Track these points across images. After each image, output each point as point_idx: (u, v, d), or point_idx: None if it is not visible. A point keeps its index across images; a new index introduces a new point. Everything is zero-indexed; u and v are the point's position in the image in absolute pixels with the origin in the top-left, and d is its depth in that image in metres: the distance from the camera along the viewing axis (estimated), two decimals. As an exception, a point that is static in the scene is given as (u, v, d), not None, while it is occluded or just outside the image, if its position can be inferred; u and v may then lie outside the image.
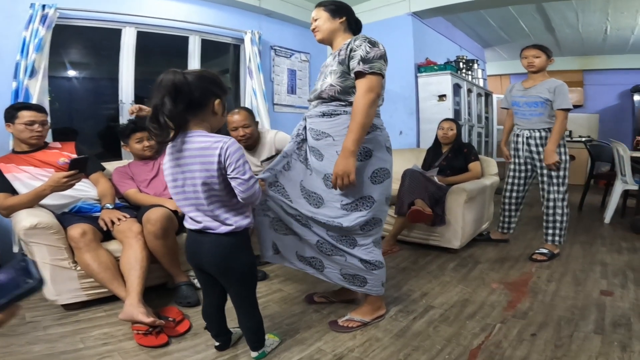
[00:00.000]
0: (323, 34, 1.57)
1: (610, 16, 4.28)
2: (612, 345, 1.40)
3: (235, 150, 1.13)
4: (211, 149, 1.12)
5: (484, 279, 2.14)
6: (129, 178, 2.21)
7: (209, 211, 1.18)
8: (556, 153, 2.33)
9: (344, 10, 1.58)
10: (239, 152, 1.14)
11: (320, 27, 1.57)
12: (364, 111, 1.37)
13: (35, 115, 1.93)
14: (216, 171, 1.13)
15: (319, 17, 1.57)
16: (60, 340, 1.48)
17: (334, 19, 1.55)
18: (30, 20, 2.27)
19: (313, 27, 1.60)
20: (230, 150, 1.12)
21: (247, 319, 1.33)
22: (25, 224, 1.61)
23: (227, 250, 1.22)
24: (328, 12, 1.56)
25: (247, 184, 1.15)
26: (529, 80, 2.49)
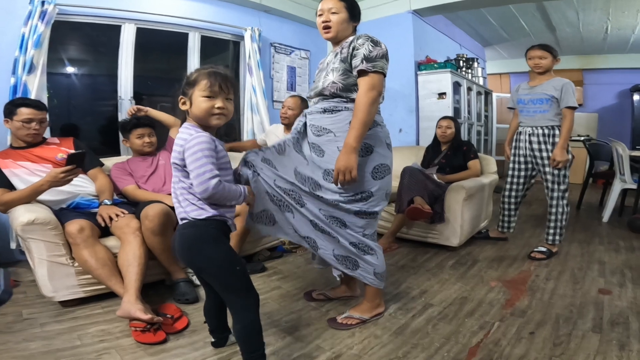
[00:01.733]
0: (337, 33, 1.52)
1: (611, 15, 4.28)
2: (610, 343, 1.40)
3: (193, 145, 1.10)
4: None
5: (483, 277, 2.14)
6: (128, 174, 2.20)
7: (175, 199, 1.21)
8: (566, 151, 2.32)
9: (359, 16, 1.58)
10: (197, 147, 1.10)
11: (337, 25, 1.50)
12: (366, 109, 1.38)
13: (33, 113, 1.91)
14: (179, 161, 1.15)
15: (339, 13, 1.50)
16: (57, 338, 1.47)
17: (351, 22, 1.54)
18: (29, 16, 2.25)
19: (326, 19, 1.51)
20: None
21: (234, 320, 1.19)
22: (23, 219, 1.60)
23: (187, 242, 1.17)
24: (349, 12, 1.52)
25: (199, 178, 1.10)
26: (535, 79, 2.48)
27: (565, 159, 2.31)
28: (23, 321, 1.61)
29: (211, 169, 1.10)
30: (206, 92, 1.15)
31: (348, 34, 1.55)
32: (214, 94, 1.16)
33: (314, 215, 1.53)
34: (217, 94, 1.16)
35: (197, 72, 1.19)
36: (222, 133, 3.90)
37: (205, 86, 1.15)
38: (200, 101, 1.15)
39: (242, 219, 2.10)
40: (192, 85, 1.17)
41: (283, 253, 2.52)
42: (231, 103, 1.22)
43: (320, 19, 1.53)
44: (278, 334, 1.52)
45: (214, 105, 1.15)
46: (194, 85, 1.16)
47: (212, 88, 1.15)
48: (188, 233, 1.17)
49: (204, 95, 1.15)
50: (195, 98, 1.16)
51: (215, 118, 1.17)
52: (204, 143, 1.11)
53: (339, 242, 1.53)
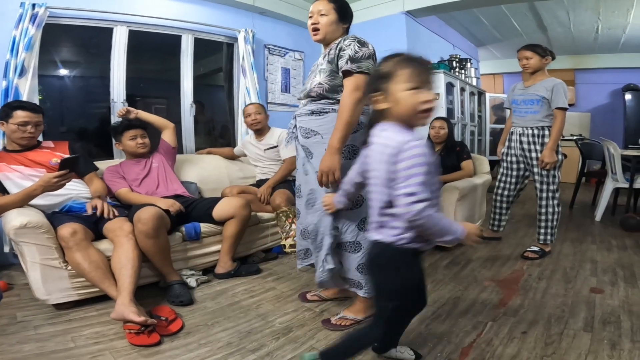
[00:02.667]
0: (325, 35, 1.53)
1: (602, 15, 4.32)
2: (601, 343, 1.42)
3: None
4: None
5: (476, 276, 2.15)
6: (121, 177, 2.20)
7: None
8: (555, 152, 2.34)
9: (350, 17, 1.58)
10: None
11: (326, 27, 1.51)
12: (350, 109, 1.38)
13: (29, 116, 1.90)
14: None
15: (328, 15, 1.50)
16: (50, 340, 1.47)
17: (342, 24, 1.54)
18: (20, 20, 2.25)
19: (315, 21, 1.52)
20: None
21: (367, 326, 1.17)
22: (15, 223, 1.59)
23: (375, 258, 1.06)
24: (338, 13, 1.52)
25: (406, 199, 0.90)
26: (529, 79, 2.50)
27: (554, 160, 2.32)
28: (17, 324, 1.60)
29: (423, 190, 0.90)
30: (411, 84, 0.94)
31: (338, 35, 1.55)
32: (421, 84, 0.95)
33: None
34: (423, 84, 0.95)
35: (390, 62, 0.98)
36: (217, 135, 3.89)
37: (409, 76, 0.95)
38: (404, 96, 0.95)
39: (235, 222, 2.11)
40: (387, 78, 0.97)
41: (278, 255, 2.53)
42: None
43: (310, 21, 1.54)
44: (272, 335, 1.52)
45: (423, 99, 0.95)
46: (391, 77, 0.96)
47: (420, 77, 0.95)
48: (383, 256, 1.05)
49: (409, 88, 0.95)
50: (396, 93, 0.96)
51: (425, 115, 0.97)
52: (421, 156, 0.90)
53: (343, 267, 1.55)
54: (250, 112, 2.77)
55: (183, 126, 3.20)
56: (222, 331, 1.55)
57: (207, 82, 3.86)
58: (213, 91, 3.93)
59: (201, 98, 3.38)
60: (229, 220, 2.12)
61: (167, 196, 2.17)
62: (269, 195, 2.53)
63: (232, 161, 3.03)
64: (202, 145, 3.32)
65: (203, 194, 2.63)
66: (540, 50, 2.41)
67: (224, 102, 3.76)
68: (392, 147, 0.93)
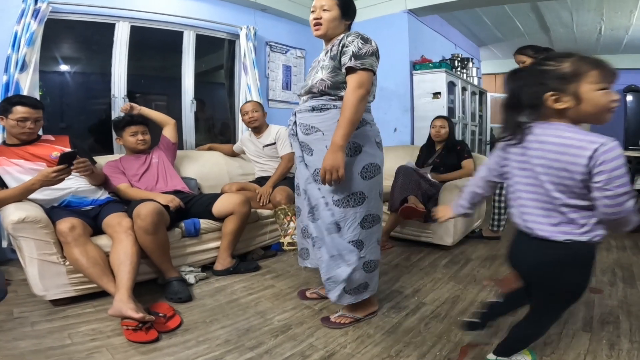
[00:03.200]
0: (327, 30, 1.51)
1: (605, 16, 4.31)
2: (600, 343, 1.41)
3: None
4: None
5: (475, 276, 2.15)
6: (120, 172, 2.19)
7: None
8: None
9: (353, 14, 1.57)
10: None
11: (328, 22, 1.50)
12: (354, 106, 1.36)
13: (29, 112, 1.88)
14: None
15: (330, 10, 1.49)
16: (47, 336, 1.46)
17: (343, 20, 1.53)
18: (22, 15, 2.24)
19: (318, 16, 1.50)
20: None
21: (527, 324, 1.18)
22: (14, 217, 1.58)
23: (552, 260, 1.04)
24: (341, 9, 1.51)
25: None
26: None
27: None
28: (13, 320, 1.60)
29: (630, 189, 0.93)
30: (602, 84, 0.96)
31: (340, 31, 1.54)
32: (610, 85, 0.97)
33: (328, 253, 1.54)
34: (611, 85, 0.98)
35: (573, 62, 0.98)
36: (217, 132, 3.88)
37: (599, 77, 0.96)
38: (596, 96, 0.96)
39: (235, 218, 2.10)
40: (573, 79, 0.97)
41: (277, 252, 2.52)
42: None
43: (312, 15, 1.53)
44: (271, 332, 1.52)
45: (614, 98, 0.97)
46: (578, 77, 0.96)
47: (610, 78, 0.97)
48: (579, 255, 1.01)
49: (600, 88, 0.96)
50: (586, 93, 0.96)
51: (610, 115, 0.99)
52: (622, 157, 0.92)
53: (350, 275, 1.52)
54: (247, 110, 2.77)
55: (184, 122, 3.19)
56: (220, 328, 1.54)
57: (207, 79, 3.85)
58: (213, 88, 3.92)
59: (201, 95, 3.37)
60: (228, 216, 2.11)
61: (166, 192, 2.17)
62: (270, 195, 2.52)
63: (232, 158, 3.02)
64: (202, 142, 3.31)
65: (202, 191, 2.62)
66: (531, 52, 2.40)
67: (224, 99, 3.74)
68: (586, 147, 0.92)
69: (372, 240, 1.56)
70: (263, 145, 2.81)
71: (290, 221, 2.13)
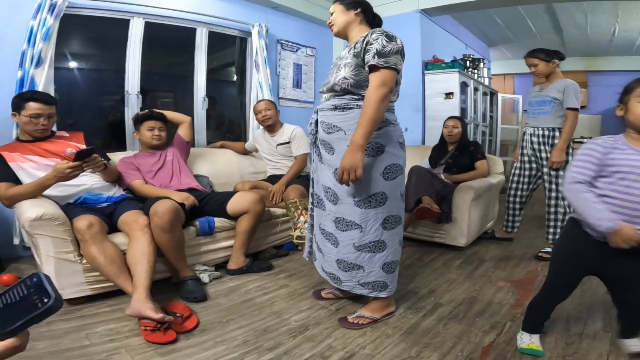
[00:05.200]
0: (338, 27, 1.57)
1: (620, 17, 4.26)
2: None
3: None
4: None
5: (490, 277, 2.13)
6: (135, 169, 2.18)
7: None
8: (564, 153, 2.32)
9: (359, 3, 1.56)
10: None
11: (335, 20, 1.57)
12: (375, 105, 1.34)
13: (42, 108, 1.86)
14: None
15: (334, 11, 1.57)
16: (64, 337, 1.44)
17: (348, 11, 1.54)
18: (38, 9, 2.23)
19: (329, 21, 1.60)
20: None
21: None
22: (31, 214, 1.57)
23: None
24: (342, 4, 1.55)
25: None
26: (544, 82, 2.49)
27: (562, 160, 2.32)
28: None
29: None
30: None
31: (354, 24, 1.55)
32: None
33: (343, 253, 1.56)
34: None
35: (635, 81, 1.23)
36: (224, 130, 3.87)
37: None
38: (636, 107, 1.18)
39: (249, 217, 2.09)
40: (628, 93, 1.21)
41: (289, 251, 2.51)
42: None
43: (328, 22, 1.63)
44: (288, 332, 1.51)
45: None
46: (631, 92, 1.20)
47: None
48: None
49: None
50: (632, 105, 1.18)
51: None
52: None
53: (364, 272, 1.54)
54: (260, 108, 2.77)
55: (195, 120, 3.18)
56: (237, 329, 1.53)
57: (218, 76, 3.84)
58: (224, 86, 3.91)
59: (213, 92, 3.36)
60: (242, 215, 2.10)
61: (180, 189, 2.16)
62: (282, 193, 2.51)
63: (244, 156, 3.01)
64: (213, 139, 3.31)
65: (214, 189, 2.61)
66: (543, 55, 2.39)
67: (235, 97, 3.74)
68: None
69: (394, 241, 1.55)
70: (277, 144, 2.80)
71: (301, 215, 2.13)
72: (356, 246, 1.52)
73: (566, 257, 1.30)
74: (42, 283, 0.61)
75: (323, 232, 1.63)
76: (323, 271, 1.69)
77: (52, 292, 0.60)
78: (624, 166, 1.13)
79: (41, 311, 0.58)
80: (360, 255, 1.53)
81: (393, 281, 1.59)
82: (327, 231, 1.61)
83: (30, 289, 0.59)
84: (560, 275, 1.33)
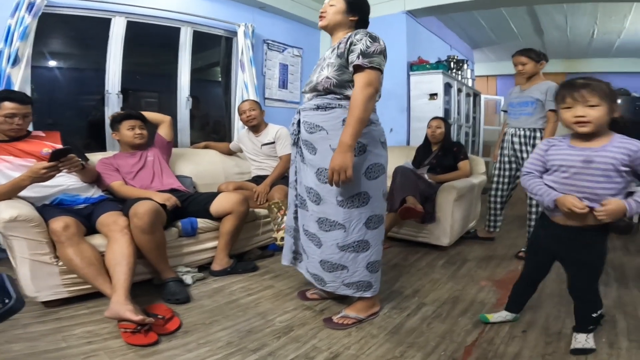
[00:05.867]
0: (329, 22, 1.53)
1: (599, 20, 4.38)
2: (599, 341, 1.43)
3: None
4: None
5: (473, 276, 2.16)
6: (114, 170, 2.13)
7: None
8: None
9: (362, 11, 1.55)
10: None
11: (331, 16, 1.51)
12: (362, 105, 1.35)
13: (17, 108, 1.81)
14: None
15: (336, 5, 1.51)
16: (41, 339, 1.41)
17: (348, 15, 1.52)
18: (16, 8, 2.18)
19: (323, 9, 1.53)
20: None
21: (585, 302, 1.43)
22: (5, 216, 1.52)
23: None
24: (347, 3, 1.51)
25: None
26: (525, 83, 2.53)
27: None
28: (5, 322, 1.53)
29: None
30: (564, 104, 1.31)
31: (344, 27, 1.53)
32: (572, 104, 1.28)
33: (326, 254, 1.56)
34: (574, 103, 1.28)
35: (560, 88, 1.36)
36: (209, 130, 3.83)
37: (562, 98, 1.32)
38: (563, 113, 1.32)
39: (233, 218, 2.07)
40: (558, 102, 1.37)
41: (274, 252, 2.49)
42: (594, 109, 1.25)
43: (320, 9, 1.56)
44: (273, 333, 1.49)
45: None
46: (558, 101, 1.36)
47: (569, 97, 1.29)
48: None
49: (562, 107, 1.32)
50: (561, 112, 1.33)
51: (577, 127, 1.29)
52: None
53: (348, 272, 1.54)
54: (245, 109, 2.76)
55: (179, 120, 3.14)
56: (221, 330, 1.51)
57: (203, 76, 3.80)
58: (209, 86, 3.87)
59: (197, 92, 3.32)
60: (226, 216, 2.08)
61: (162, 190, 2.12)
62: (267, 194, 2.49)
63: (228, 156, 2.99)
64: (197, 140, 3.27)
65: (198, 189, 2.58)
66: (534, 55, 2.44)
67: (219, 97, 3.70)
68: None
69: (377, 241, 1.55)
70: (261, 144, 2.78)
71: (284, 215, 2.12)
72: (340, 246, 1.52)
73: (531, 244, 1.60)
74: (4, 283, 0.60)
75: (307, 233, 1.62)
76: (307, 272, 1.68)
77: (13, 292, 0.59)
78: (558, 160, 1.31)
79: (2, 312, 0.57)
80: (344, 255, 1.52)
81: (377, 281, 1.59)
82: (310, 232, 1.60)
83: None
84: (529, 262, 1.56)
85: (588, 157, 1.24)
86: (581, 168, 1.26)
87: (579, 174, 1.26)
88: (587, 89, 1.25)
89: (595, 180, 1.23)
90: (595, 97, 1.24)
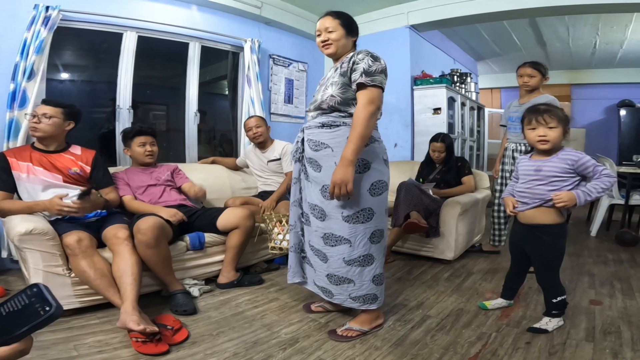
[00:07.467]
0: (337, 48, 1.57)
1: (600, 30, 4.40)
2: (603, 352, 1.44)
3: None
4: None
5: (477, 289, 2.17)
6: (125, 184, 2.19)
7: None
8: None
9: (356, 30, 1.62)
10: None
11: (337, 41, 1.55)
12: (365, 122, 1.40)
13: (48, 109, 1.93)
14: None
15: (335, 31, 1.55)
16: (52, 348, 1.44)
17: (348, 37, 1.58)
18: (32, 22, 2.24)
19: (325, 38, 1.56)
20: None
21: (550, 290, 1.67)
22: (21, 229, 1.58)
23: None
24: (345, 28, 1.56)
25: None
26: (524, 96, 2.55)
27: None
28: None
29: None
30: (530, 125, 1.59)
31: (348, 49, 1.59)
32: (536, 125, 1.56)
33: (333, 268, 1.59)
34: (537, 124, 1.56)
35: (526, 112, 1.62)
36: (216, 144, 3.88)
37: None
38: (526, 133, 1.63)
39: (239, 232, 2.11)
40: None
41: (280, 265, 2.52)
42: (552, 130, 1.53)
43: (319, 38, 1.59)
44: (278, 345, 1.52)
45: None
46: (524, 123, 1.63)
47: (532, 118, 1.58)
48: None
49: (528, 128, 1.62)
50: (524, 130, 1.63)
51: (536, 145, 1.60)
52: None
53: (355, 286, 1.57)
54: (251, 125, 2.78)
55: (187, 134, 3.21)
56: (228, 341, 1.54)
57: (210, 90, 3.88)
58: (216, 99, 3.95)
59: (204, 106, 3.39)
60: (233, 230, 2.12)
61: (170, 205, 2.16)
62: (273, 209, 2.53)
63: (235, 172, 3.03)
64: (203, 154, 3.32)
65: (204, 204, 2.62)
66: (542, 69, 2.45)
67: (226, 111, 3.77)
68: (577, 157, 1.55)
69: (380, 254, 1.59)
70: (268, 160, 2.81)
71: (275, 227, 2.17)
72: (346, 260, 1.55)
73: (509, 239, 1.85)
74: (43, 293, 0.66)
75: (312, 248, 1.66)
76: (315, 285, 1.71)
77: (52, 300, 0.65)
78: (521, 171, 1.65)
79: (44, 318, 0.63)
80: (351, 269, 1.56)
81: (382, 293, 1.62)
82: (315, 247, 1.64)
83: (32, 298, 0.65)
84: (511, 255, 1.83)
85: (538, 167, 1.56)
86: (533, 176, 1.58)
87: (533, 181, 1.58)
88: (548, 114, 1.52)
89: (544, 186, 1.54)
90: (554, 120, 1.51)
